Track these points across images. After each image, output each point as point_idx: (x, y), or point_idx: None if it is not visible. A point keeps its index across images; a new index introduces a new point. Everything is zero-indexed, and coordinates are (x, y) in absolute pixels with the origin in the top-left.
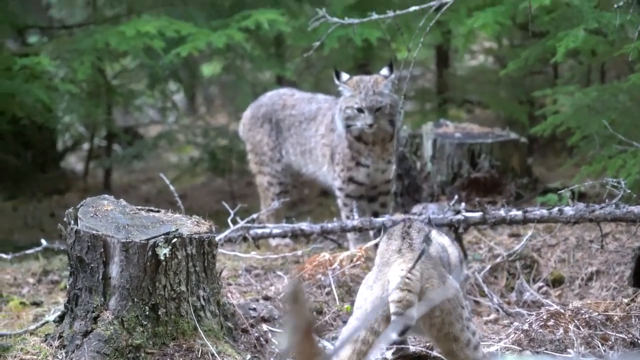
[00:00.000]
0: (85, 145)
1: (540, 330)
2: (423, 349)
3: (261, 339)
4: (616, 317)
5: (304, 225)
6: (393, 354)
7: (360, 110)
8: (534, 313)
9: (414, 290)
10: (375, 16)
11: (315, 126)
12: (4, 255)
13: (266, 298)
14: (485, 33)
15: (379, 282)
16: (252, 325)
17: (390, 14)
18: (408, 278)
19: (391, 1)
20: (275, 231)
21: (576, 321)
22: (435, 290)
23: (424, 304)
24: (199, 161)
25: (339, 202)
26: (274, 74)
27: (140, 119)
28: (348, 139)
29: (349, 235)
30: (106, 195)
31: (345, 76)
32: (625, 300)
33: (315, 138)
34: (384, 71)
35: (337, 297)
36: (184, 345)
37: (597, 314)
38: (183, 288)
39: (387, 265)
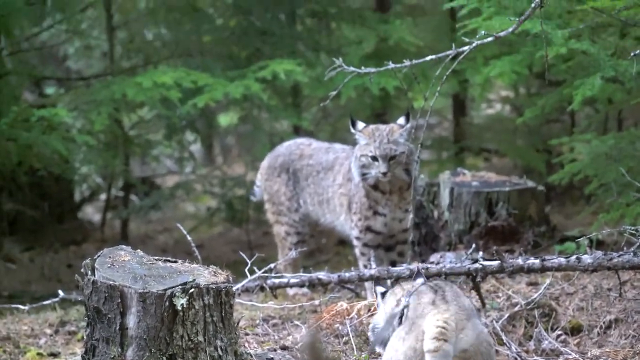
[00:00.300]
0: (103, 196)
1: None
2: None
3: None
4: None
5: (322, 275)
6: None
7: (374, 158)
8: None
9: (450, 340)
10: (391, 65)
11: (332, 176)
12: (21, 307)
13: (284, 348)
14: (501, 81)
15: (413, 334)
16: None
17: (407, 63)
18: (444, 328)
19: (408, 50)
20: (292, 281)
21: None
22: (468, 341)
23: (458, 355)
24: (216, 211)
25: (357, 251)
26: (290, 124)
27: (158, 169)
28: (365, 188)
29: (367, 285)
30: (123, 246)
31: (361, 125)
32: None
33: (332, 188)
34: (401, 120)
35: (355, 347)
36: None
37: None
38: (200, 338)
39: (421, 317)
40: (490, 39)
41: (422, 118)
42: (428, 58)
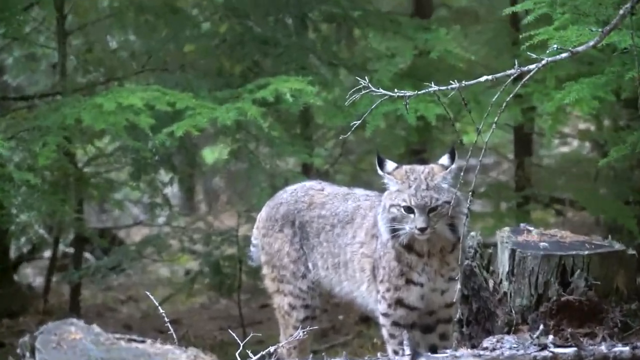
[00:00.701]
0: (47, 253)
1: None
2: None
3: None
4: None
5: None
6: None
7: (409, 209)
8: None
9: None
10: (434, 87)
11: (352, 231)
12: None
13: None
14: (579, 111)
15: None
16: None
17: (454, 85)
18: None
19: (455, 68)
20: None
21: None
22: None
23: None
24: (198, 276)
25: (384, 332)
26: (299, 162)
27: (121, 219)
28: (396, 249)
29: None
30: (74, 320)
31: (391, 165)
32: None
33: (352, 247)
34: (444, 160)
35: None
36: None
37: None
38: None
39: None
40: (564, 55)
41: (474, 158)
42: (483, 79)
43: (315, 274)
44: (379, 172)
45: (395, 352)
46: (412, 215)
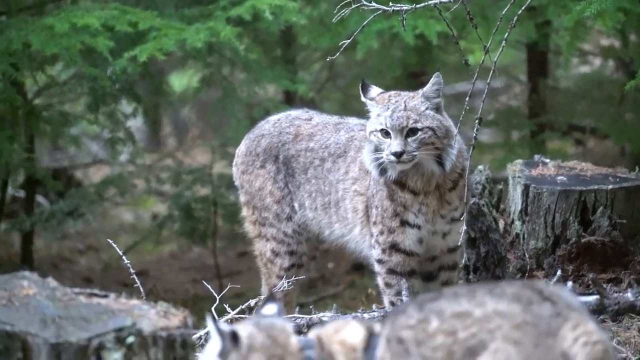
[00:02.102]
0: None
1: None
2: None
3: None
4: None
5: (328, 317)
6: None
7: (386, 133)
8: None
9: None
10: (435, 0)
11: (344, 165)
12: None
13: None
14: (601, 25)
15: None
16: None
17: None
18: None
19: None
20: None
21: None
22: None
23: None
24: (167, 221)
25: (380, 280)
26: (280, 89)
27: (78, 157)
28: (387, 186)
29: None
30: (26, 273)
31: (375, 91)
32: None
33: (344, 184)
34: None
35: None
36: None
37: None
38: None
39: (550, 336)
40: None
41: (482, 80)
42: None
43: (302, 216)
44: (362, 98)
45: (392, 304)
46: (388, 140)
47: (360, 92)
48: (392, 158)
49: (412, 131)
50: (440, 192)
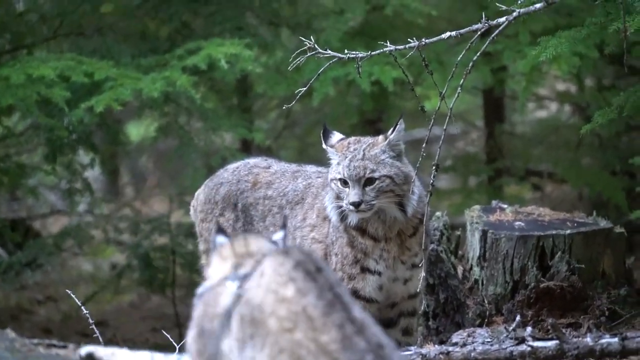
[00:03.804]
0: None
1: None
2: None
3: None
4: None
5: None
6: None
7: (344, 182)
8: None
9: None
10: (390, 47)
11: (302, 213)
12: None
13: None
14: (557, 70)
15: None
16: None
17: (413, 43)
18: None
19: (413, 24)
20: None
21: None
22: None
23: None
24: (126, 270)
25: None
26: (237, 138)
27: (36, 207)
28: (348, 233)
29: None
30: None
31: (336, 137)
32: None
33: (301, 231)
34: (391, 132)
35: None
36: None
37: None
38: None
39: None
40: (538, 5)
41: (438, 126)
42: (445, 35)
43: None
44: (324, 145)
45: None
46: (347, 189)
47: (322, 138)
48: (351, 207)
49: (370, 181)
50: (402, 238)
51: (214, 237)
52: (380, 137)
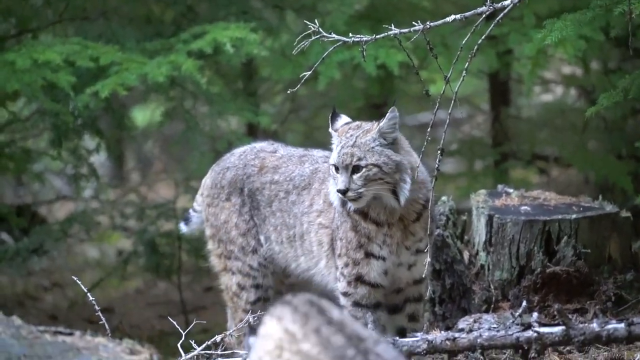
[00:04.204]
0: None
1: None
2: None
3: None
4: None
5: None
6: None
7: (336, 168)
8: None
9: None
10: (395, 30)
11: (309, 198)
12: None
13: None
14: (563, 53)
15: None
16: None
17: (418, 26)
18: None
19: (418, 7)
20: None
21: None
22: None
23: None
24: (132, 256)
25: (345, 313)
26: (243, 122)
27: (41, 193)
28: (351, 217)
29: None
30: None
31: (343, 121)
32: None
33: (308, 216)
34: (382, 120)
35: None
36: None
37: None
38: None
39: None
40: None
41: (444, 110)
42: (450, 18)
43: (267, 249)
44: (329, 128)
45: None
46: (338, 176)
47: (329, 121)
48: (340, 195)
49: (357, 168)
50: (404, 223)
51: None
52: (376, 124)
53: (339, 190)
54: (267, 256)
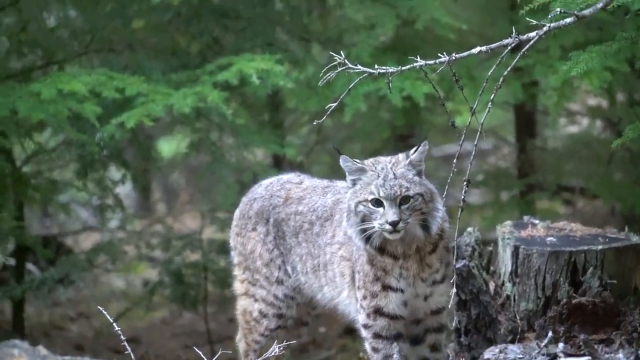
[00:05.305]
0: None
1: None
2: None
3: None
4: None
5: None
6: None
7: (377, 202)
8: None
9: None
10: (420, 62)
11: (331, 229)
12: None
13: None
14: (588, 84)
15: None
16: None
17: (444, 58)
18: None
19: (444, 39)
20: None
21: None
22: None
23: None
24: (158, 286)
25: (367, 345)
26: (269, 153)
27: (68, 224)
28: (367, 251)
29: None
30: (17, 342)
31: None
32: None
33: (331, 247)
34: (412, 151)
35: None
36: None
37: None
38: None
39: None
40: (569, 20)
41: (469, 141)
42: (476, 50)
43: (295, 280)
44: (342, 164)
45: None
46: (381, 209)
47: (339, 156)
48: (388, 227)
49: (405, 199)
50: (420, 255)
51: None
52: (401, 156)
53: (391, 223)
54: (295, 287)
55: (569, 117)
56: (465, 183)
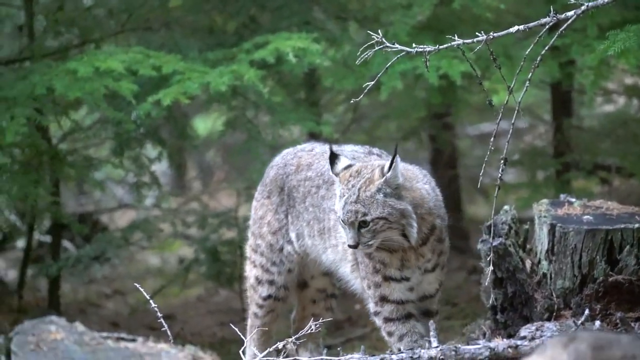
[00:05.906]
0: (20, 243)
1: None
2: None
3: None
4: None
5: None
6: None
7: (342, 221)
8: None
9: None
10: (458, 41)
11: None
12: None
13: None
14: (625, 63)
15: None
16: None
17: (482, 37)
18: None
19: (481, 18)
20: None
21: None
22: None
23: None
24: (193, 264)
25: (383, 332)
26: (305, 131)
27: (103, 201)
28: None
29: None
30: (53, 318)
31: (343, 164)
32: None
33: (335, 214)
34: (387, 165)
35: None
36: None
37: None
38: None
39: None
40: None
41: (506, 120)
42: (513, 29)
43: (301, 244)
44: (330, 172)
45: (395, 352)
46: (345, 228)
47: (329, 164)
48: (350, 246)
49: (363, 223)
50: (414, 248)
51: None
52: (377, 172)
53: (349, 246)
54: (301, 252)
55: (605, 96)
56: (502, 161)
